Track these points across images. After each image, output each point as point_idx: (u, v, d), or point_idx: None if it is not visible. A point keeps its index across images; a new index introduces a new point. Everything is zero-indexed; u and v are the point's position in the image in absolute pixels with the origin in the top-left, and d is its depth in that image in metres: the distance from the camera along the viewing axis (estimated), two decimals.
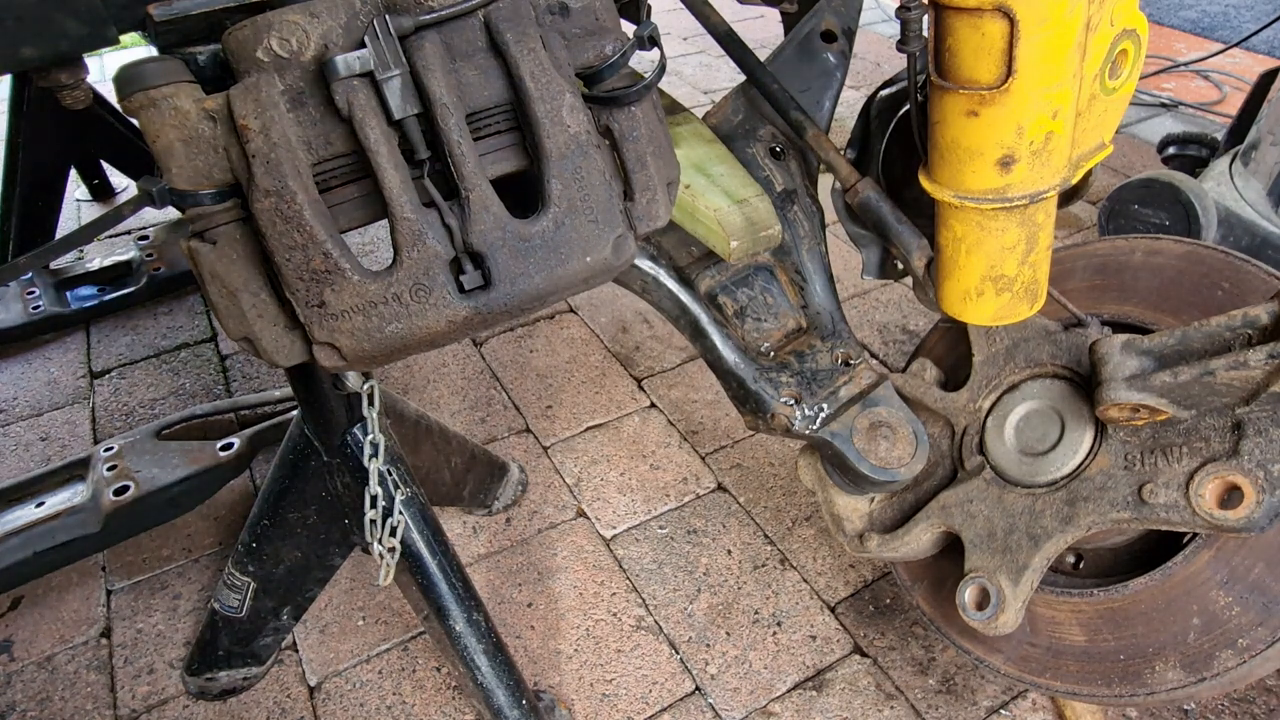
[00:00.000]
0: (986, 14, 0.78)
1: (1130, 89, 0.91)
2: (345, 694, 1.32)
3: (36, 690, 1.34)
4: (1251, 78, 2.04)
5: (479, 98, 0.66)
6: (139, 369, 1.97)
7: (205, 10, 0.65)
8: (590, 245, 0.68)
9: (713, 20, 1.14)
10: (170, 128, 0.61)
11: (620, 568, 1.49)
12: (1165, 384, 0.89)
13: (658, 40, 0.74)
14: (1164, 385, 0.90)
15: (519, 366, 1.93)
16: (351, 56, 0.61)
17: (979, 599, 1.02)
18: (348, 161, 0.64)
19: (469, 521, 1.58)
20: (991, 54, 0.80)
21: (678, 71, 3.22)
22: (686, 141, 1.17)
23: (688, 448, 1.71)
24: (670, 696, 1.30)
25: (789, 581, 1.46)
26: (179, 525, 1.55)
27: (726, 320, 1.11)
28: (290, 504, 1.18)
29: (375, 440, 1.07)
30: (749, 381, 1.08)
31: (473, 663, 1.14)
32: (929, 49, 0.87)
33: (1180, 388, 0.89)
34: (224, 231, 0.64)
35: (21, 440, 1.78)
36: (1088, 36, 0.82)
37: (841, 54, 1.19)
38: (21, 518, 1.31)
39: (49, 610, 1.46)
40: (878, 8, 3.52)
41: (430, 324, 0.65)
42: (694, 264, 1.13)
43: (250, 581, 1.23)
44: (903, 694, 1.29)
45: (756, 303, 1.12)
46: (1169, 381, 0.89)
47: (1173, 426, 0.94)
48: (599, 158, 0.68)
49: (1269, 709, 1.24)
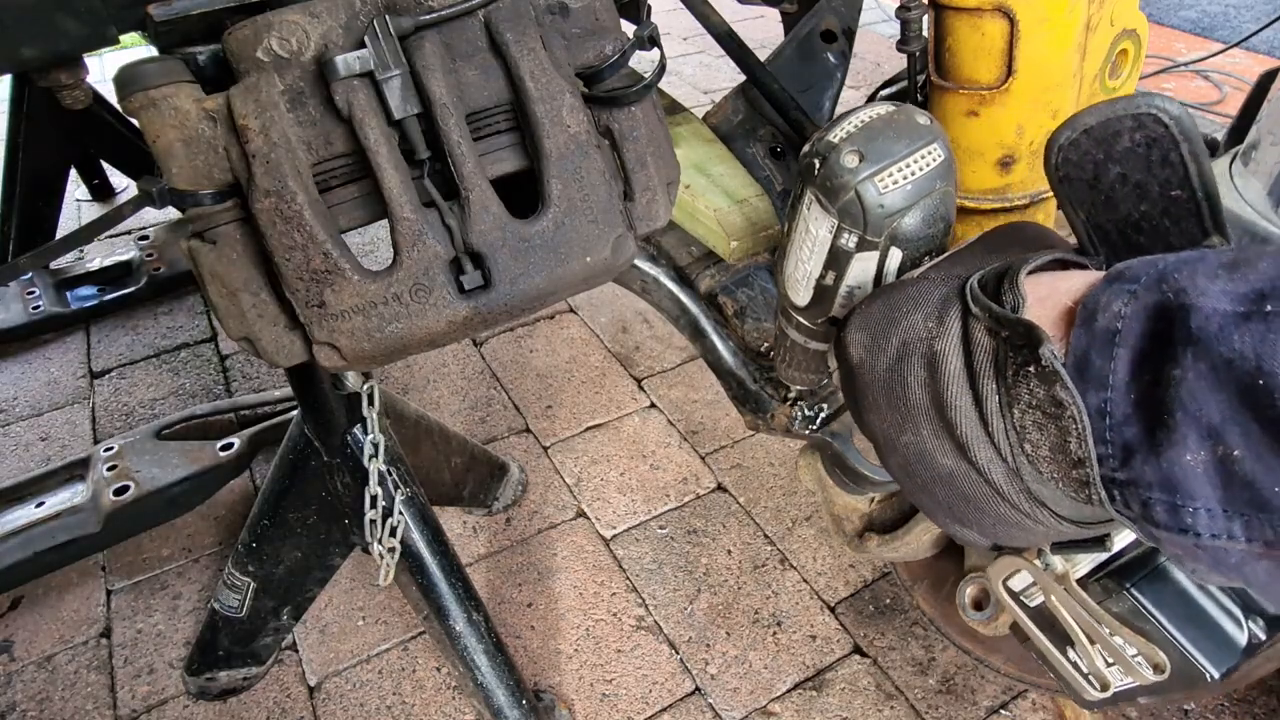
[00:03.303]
0: (986, 14, 0.78)
1: (1130, 89, 0.91)
2: (345, 694, 1.32)
3: (36, 690, 1.34)
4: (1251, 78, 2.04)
5: (479, 98, 0.66)
6: (139, 369, 1.97)
7: (205, 10, 0.65)
8: (590, 245, 0.68)
9: (713, 20, 1.14)
10: (170, 128, 0.61)
11: (620, 568, 1.49)
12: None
13: (658, 40, 0.74)
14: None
15: (519, 366, 1.93)
16: (351, 56, 0.61)
17: (979, 599, 1.02)
18: (348, 161, 0.64)
19: (469, 521, 1.58)
20: (991, 54, 0.80)
21: (678, 71, 3.22)
22: (686, 141, 1.17)
23: (688, 448, 1.71)
24: (670, 696, 1.30)
25: (789, 581, 1.46)
26: (179, 525, 1.55)
27: (726, 320, 1.11)
28: (290, 504, 1.18)
29: (375, 440, 1.07)
30: (749, 381, 1.08)
31: (473, 663, 1.14)
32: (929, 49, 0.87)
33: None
34: (224, 231, 0.63)
35: (21, 440, 1.78)
36: (1088, 36, 0.82)
37: (841, 54, 1.20)
38: (21, 518, 1.31)
39: (49, 610, 1.46)
40: (878, 8, 3.52)
41: (430, 324, 0.65)
42: (694, 264, 1.13)
43: (250, 581, 1.23)
44: (903, 694, 1.29)
45: (756, 303, 1.11)
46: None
47: None
48: (599, 158, 0.68)
49: (1269, 709, 1.24)
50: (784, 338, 0.79)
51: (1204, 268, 0.42)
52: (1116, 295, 0.44)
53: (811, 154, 0.61)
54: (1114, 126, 0.52)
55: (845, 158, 0.59)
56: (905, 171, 0.59)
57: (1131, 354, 0.43)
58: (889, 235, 0.60)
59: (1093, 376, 0.44)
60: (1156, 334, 0.42)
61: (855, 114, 0.61)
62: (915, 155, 0.59)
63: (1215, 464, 0.40)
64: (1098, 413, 0.44)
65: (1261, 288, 0.39)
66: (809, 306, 0.70)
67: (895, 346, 0.53)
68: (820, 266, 0.65)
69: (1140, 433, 0.42)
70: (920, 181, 0.59)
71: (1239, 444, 0.39)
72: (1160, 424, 0.41)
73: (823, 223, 0.62)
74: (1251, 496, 0.39)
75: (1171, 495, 0.41)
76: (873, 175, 0.58)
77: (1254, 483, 0.39)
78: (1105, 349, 0.44)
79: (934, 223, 0.61)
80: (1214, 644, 0.73)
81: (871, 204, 0.59)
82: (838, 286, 0.65)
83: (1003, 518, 0.52)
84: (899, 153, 0.58)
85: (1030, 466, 0.48)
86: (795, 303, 0.71)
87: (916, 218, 0.60)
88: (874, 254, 0.61)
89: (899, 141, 0.59)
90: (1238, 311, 0.39)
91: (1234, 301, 0.40)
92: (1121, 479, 0.44)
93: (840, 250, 0.62)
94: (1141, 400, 0.42)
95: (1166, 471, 0.41)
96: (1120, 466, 0.43)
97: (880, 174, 0.58)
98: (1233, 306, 0.39)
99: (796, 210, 0.66)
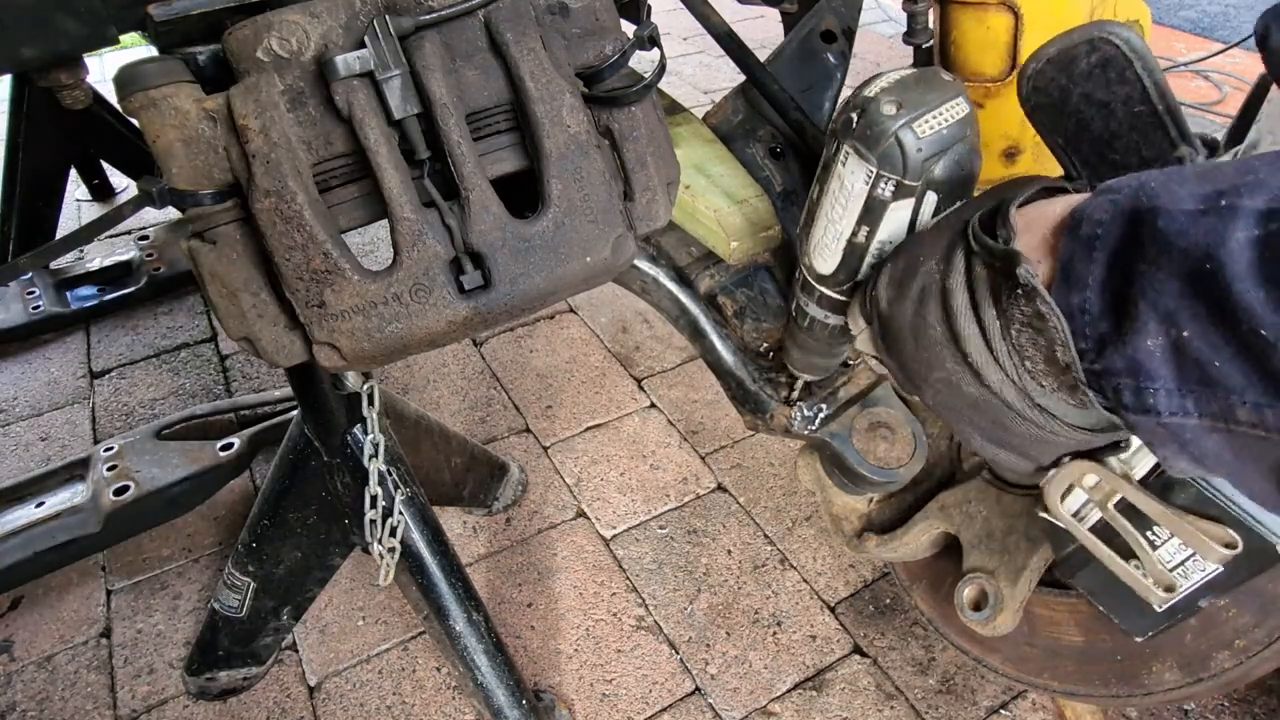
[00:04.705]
0: (991, 8, 0.79)
1: None
2: (345, 694, 1.32)
3: (36, 690, 1.34)
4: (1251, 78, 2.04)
5: (479, 98, 0.66)
6: (139, 369, 1.97)
7: (205, 10, 0.65)
8: (590, 245, 0.68)
9: (713, 20, 1.14)
10: (170, 128, 0.61)
11: (620, 568, 1.49)
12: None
13: (658, 40, 0.74)
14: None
15: (519, 366, 1.93)
16: (351, 56, 0.61)
17: (977, 599, 1.02)
18: (348, 161, 0.64)
19: (469, 521, 1.58)
20: (996, 47, 0.81)
21: (678, 71, 3.22)
22: (686, 141, 1.17)
23: (688, 448, 1.71)
24: (670, 696, 1.30)
25: (789, 581, 1.46)
26: (179, 525, 1.55)
27: (726, 321, 1.11)
28: (290, 504, 1.18)
29: (375, 440, 1.07)
30: (749, 382, 1.08)
31: (473, 663, 1.14)
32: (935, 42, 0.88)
33: None
34: (224, 231, 0.64)
35: (21, 440, 1.79)
36: None
37: (841, 54, 1.19)
38: (21, 518, 1.31)
39: (49, 610, 1.46)
40: (878, 8, 3.52)
41: (430, 324, 0.65)
42: (694, 264, 1.13)
43: (250, 581, 1.23)
44: (903, 694, 1.29)
45: (756, 303, 1.11)
46: None
47: None
48: (599, 158, 0.68)
49: (1269, 709, 1.24)
50: (802, 316, 0.80)
51: (1177, 175, 0.45)
52: (1100, 206, 0.47)
53: (848, 110, 0.65)
54: (1072, 52, 0.56)
55: (885, 106, 0.62)
56: (940, 119, 0.63)
57: (1107, 256, 0.46)
58: (925, 180, 0.63)
59: (1075, 279, 0.48)
60: (1130, 235, 0.45)
61: (885, 74, 0.65)
62: (945, 105, 0.63)
63: (1170, 346, 0.43)
64: (1079, 310, 0.47)
65: (1221, 188, 0.42)
66: (835, 271, 0.72)
67: (916, 291, 0.58)
68: (854, 223, 0.68)
69: (1110, 325, 0.46)
70: (952, 128, 0.63)
71: (1189, 325, 0.42)
72: (1126, 314, 0.45)
73: (859, 174, 0.65)
74: (1200, 373, 0.42)
75: (1136, 379, 0.45)
76: (911, 121, 0.62)
77: (1201, 360, 0.42)
78: (1086, 253, 0.47)
79: (963, 168, 0.65)
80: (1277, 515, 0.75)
81: (910, 148, 0.62)
82: (869, 243, 0.68)
83: (1026, 435, 0.56)
84: (932, 102, 0.62)
85: (1033, 381, 0.52)
86: (820, 271, 0.73)
87: (950, 162, 0.63)
88: (909, 201, 0.65)
89: (931, 93, 0.63)
90: (1198, 210, 0.42)
91: (1196, 201, 0.43)
92: (1098, 369, 0.47)
93: (876, 201, 0.65)
94: (1114, 296, 0.46)
95: (1131, 357, 0.45)
96: (1096, 358, 0.47)
97: (917, 120, 0.62)
98: (1195, 206, 0.42)
99: (829, 171, 0.69)
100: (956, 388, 0.57)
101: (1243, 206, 0.40)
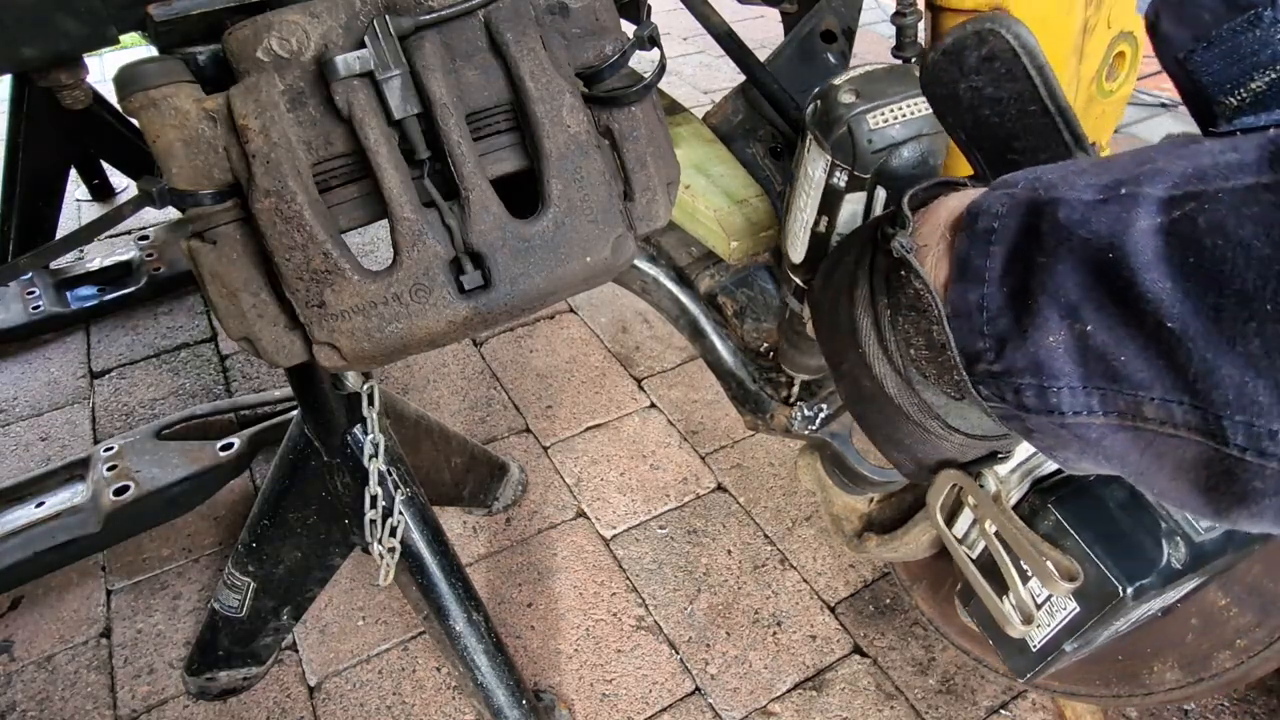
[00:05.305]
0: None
1: (1128, 92, 0.91)
2: (345, 694, 1.32)
3: (36, 690, 1.34)
4: None
5: (479, 98, 0.66)
6: (139, 369, 1.97)
7: (205, 10, 0.65)
8: (590, 245, 0.68)
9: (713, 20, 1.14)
10: (170, 128, 0.61)
11: (620, 568, 1.49)
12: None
13: (658, 40, 0.74)
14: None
15: (519, 366, 1.93)
16: (351, 56, 0.61)
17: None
18: (348, 161, 0.64)
19: (469, 521, 1.58)
20: None
21: (678, 71, 3.22)
22: (686, 141, 1.17)
23: (688, 448, 1.71)
24: (670, 696, 1.30)
25: (789, 581, 1.46)
26: (179, 525, 1.55)
27: (726, 320, 1.11)
28: (290, 504, 1.18)
29: (375, 440, 1.07)
30: (749, 382, 1.08)
31: (473, 663, 1.14)
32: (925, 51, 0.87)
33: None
34: (224, 231, 0.64)
35: (21, 440, 1.79)
36: (1084, 39, 0.82)
37: (841, 54, 1.19)
38: (21, 518, 1.31)
39: (49, 610, 1.46)
40: (878, 8, 3.52)
41: (430, 324, 0.65)
42: (694, 264, 1.13)
43: (250, 581, 1.23)
44: (903, 694, 1.29)
45: (756, 303, 1.11)
46: None
47: None
48: (599, 158, 0.68)
49: (1269, 709, 1.24)
50: (786, 311, 0.79)
51: (1074, 167, 0.44)
52: (996, 199, 0.46)
53: (813, 98, 0.64)
54: (962, 44, 0.55)
55: (843, 95, 0.62)
56: (896, 112, 0.61)
57: (1006, 249, 0.45)
58: (877, 173, 0.62)
59: (972, 275, 0.46)
60: (1028, 228, 0.44)
61: (863, 66, 0.64)
62: (908, 100, 0.61)
63: (1074, 341, 0.41)
64: (977, 308, 0.46)
65: (1120, 177, 0.41)
66: (804, 261, 0.71)
67: (835, 283, 0.58)
68: (815, 211, 0.67)
69: (1011, 322, 0.44)
70: (909, 124, 0.61)
71: (1092, 319, 0.40)
72: (1026, 310, 0.43)
73: (819, 163, 0.64)
74: (1105, 369, 0.41)
75: (1038, 377, 0.43)
76: (865, 111, 0.61)
77: (1105, 354, 0.40)
78: (983, 248, 0.46)
79: (919, 166, 0.63)
80: (1129, 559, 0.74)
81: (861, 138, 0.61)
82: (829, 235, 0.67)
83: (913, 435, 0.55)
84: (892, 95, 0.61)
85: (917, 373, 0.52)
86: (793, 260, 0.72)
87: (902, 158, 0.62)
88: (861, 195, 0.63)
89: (894, 86, 0.61)
90: (1098, 199, 0.41)
91: (1096, 191, 0.41)
92: (997, 370, 0.45)
93: (832, 190, 0.64)
94: (1013, 291, 0.44)
95: (1032, 355, 0.43)
96: (996, 359, 0.45)
97: (872, 111, 0.61)
98: (1094, 196, 0.41)
99: (799, 160, 0.68)
100: (857, 380, 0.56)
101: (1144, 194, 0.39)
